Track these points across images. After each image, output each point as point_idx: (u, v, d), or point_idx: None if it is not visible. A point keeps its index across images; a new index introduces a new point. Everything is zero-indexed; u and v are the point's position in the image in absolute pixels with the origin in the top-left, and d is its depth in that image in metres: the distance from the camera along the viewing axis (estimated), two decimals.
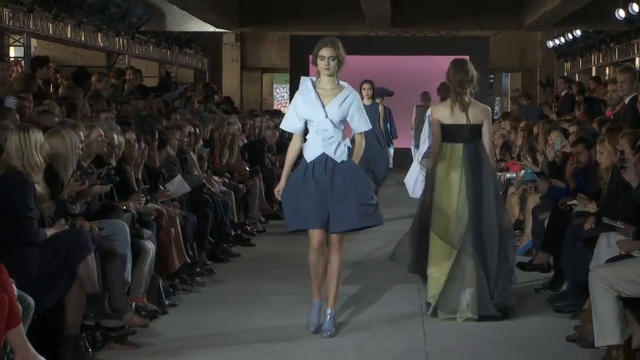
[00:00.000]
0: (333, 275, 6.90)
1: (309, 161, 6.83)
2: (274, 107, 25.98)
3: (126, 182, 7.79)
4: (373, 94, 13.23)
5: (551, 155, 9.76)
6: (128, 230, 7.00)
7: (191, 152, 10.32)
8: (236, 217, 11.06)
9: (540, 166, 10.39)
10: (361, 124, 6.95)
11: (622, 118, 9.33)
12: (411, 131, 17.45)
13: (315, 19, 19.87)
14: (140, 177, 8.25)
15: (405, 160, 17.39)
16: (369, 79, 13.29)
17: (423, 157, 8.82)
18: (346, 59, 6.83)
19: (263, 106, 26.00)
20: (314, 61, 6.85)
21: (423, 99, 17.84)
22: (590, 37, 21.01)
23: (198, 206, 9.39)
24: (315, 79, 6.90)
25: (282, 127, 7.24)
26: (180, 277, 8.34)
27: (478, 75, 7.56)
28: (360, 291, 8.34)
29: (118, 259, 6.61)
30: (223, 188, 10.78)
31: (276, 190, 7.12)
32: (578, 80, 20.33)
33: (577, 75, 23.08)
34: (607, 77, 18.93)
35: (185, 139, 10.03)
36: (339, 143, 6.82)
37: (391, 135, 14.53)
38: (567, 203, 8.30)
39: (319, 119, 6.80)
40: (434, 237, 7.46)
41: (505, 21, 20.40)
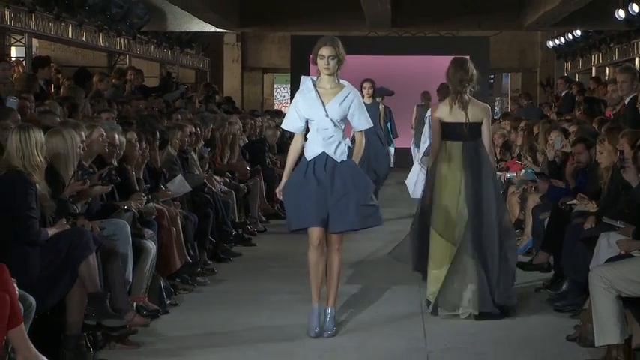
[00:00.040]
0: (333, 275, 6.90)
1: (309, 159, 6.83)
2: (275, 107, 26.02)
3: (127, 182, 7.80)
4: (374, 93, 13.24)
5: (551, 155, 9.77)
6: (129, 230, 7.01)
7: (192, 152, 10.33)
8: (237, 217, 11.08)
9: (540, 165, 10.40)
10: (362, 122, 6.94)
11: (622, 118, 9.34)
12: (412, 131, 17.47)
13: (315, 20, 19.89)
14: (141, 177, 8.27)
15: (405, 159, 17.45)
16: (370, 77, 13.31)
17: (424, 156, 8.84)
18: (346, 59, 6.82)
19: (264, 106, 26.03)
20: (314, 60, 6.84)
21: (424, 98, 17.85)
22: (590, 37, 21.03)
23: (199, 206, 9.40)
24: (315, 79, 6.89)
25: (283, 126, 7.24)
26: (181, 277, 8.35)
27: (478, 74, 7.58)
28: (360, 291, 8.35)
29: (119, 259, 6.61)
30: (224, 188, 10.80)
31: (277, 190, 7.11)
32: (578, 80, 20.34)
33: (577, 75, 23.10)
34: (607, 77, 18.95)
35: (186, 139, 10.04)
36: (340, 143, 6.82)
37: (391, 134, 14.54)
38: (567, 203, 8.30)
39: (320, 118, 6.80)
40: (434, 235, 7.48)
41: (505, 21, 20.43)
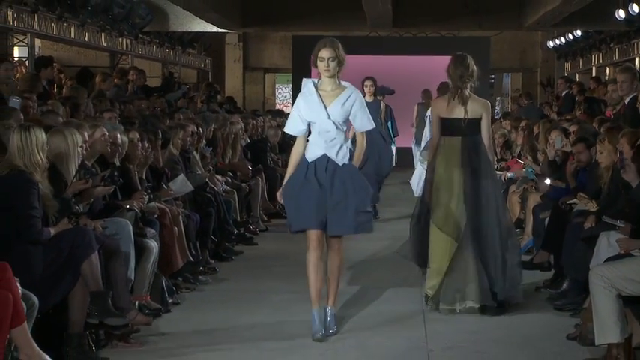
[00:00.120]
0: (334, 274, 6.91)
1: (311, 161, 6.81)
2: (276, 107, 26.06)
3: (129, 181, 7.82)
4: (375, 91, 13.26)
5: (551, 154, 9.78)
6: (131, 229, 7.03)
7: (194, 152, 10.36)
8: (239, 216, 11.10)
9: (541, 165, 10.41)
10: (364, 122, 6.91)
11: (622, 118, 9.37)
12: (412, 129, 17.49)
13: (316, 20, 19.91)
14: (144, 176, 8.30)
15: (406, 159, 17.45)
16: (371, 75, 13.32)
17: (423, 150, 8.88)
18: (347, 59, 6.79)
19: (265, 105, 26.05)
20: (314, 62, 6.81)
21: (424, 97, 17.85)
22: (591, 37, 21.05)
23: (201, 205, 9.43)
24: (316, 81, 6.87)
25: (285, 130, 7.18)
26: (183, 276, 8.37)
27: (478, 70, 7.62)
28: (361, 290, 8.37)
29: (121, 258, 6.62)
30: (226, 187, 10.82)
31: (278, 193, 7.10)
32: (578, 80, 20.34)
33: (577, 75, 23.11)
34: (607, 77, 18.97)
35: (188, 139, 10.05)
36: (341, 146, 6.80)
37: (392, 133, 14.56)
38: (567, 202, 8.33)
39: (321, 121, 6.77)
40: (434, 229, 7.53)
41: (506, 21, 20.44)
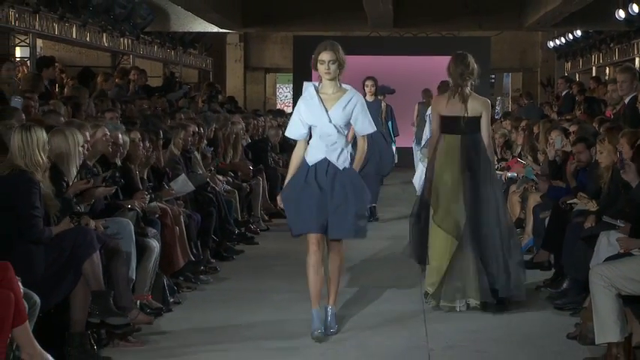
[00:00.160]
0: (334, 275, 6.92)
1: (311, 164, 6.80)
2: (277, 107, 26.11)
3: (130, 181, 7.84)
4: (376, 91, 13.26)
5: (551, 154, 9.79)
6: (133, 228, 7.04)
7: (195, 151, 10.38)
8: (240, 216, 11.12)
9: (541, 165, 10.43)
10: (365, 125, 6.88)
11: (622, 118, 9.38)
12: (413, 128, 17.51)
13: (317, 20, 19.94)
14: (145, 176, 8.32)
15: (407, 158, 17.48)
16: (372, 75, 13.32)
17: (423, 147, 8.90)
18: (348, 60, 6.78)
19: (266, 105, 26.08)
20: (314, 66, 6.79)
21: (425, 96, 17.87)
22: (591, 37, 21.07)
23: (202, 205, 9.44)
24: (317, 85, 6.86)
25: (286, 134, 7.16)
26: (184, 275, 8.39)
27: (479, 68, 7.65)
28: (362, 289, 8.39)
29: (122, 257, 6.63)
30: (227, 187, 10.84)
31: (278, 197, 7.09)
32: (578, 80, 20.35)
33: (577, 75, 23.13)
34: (607, 77, 18.99)
35: (189, 139, 10.07)
36: (342, 150, 6.79)
37: (393, 133, 14.59)
38: (568, 202, 8.34)
39: (323, 124, 6.76)
40: (434, 227, 7.56)
41: (506, 21, 20.47)
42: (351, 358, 6.45)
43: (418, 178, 11.21)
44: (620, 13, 16.72)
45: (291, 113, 7.29)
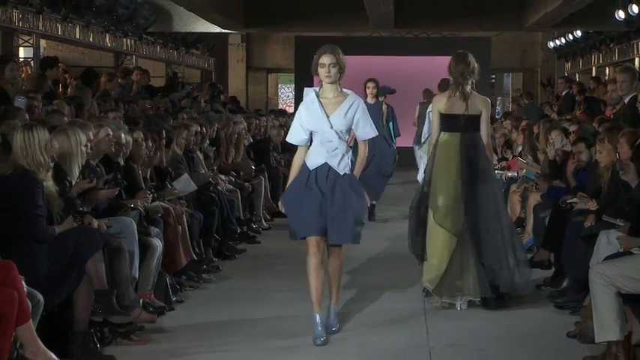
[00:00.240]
0: (335, 276, 6.93)
1: (312, 169, 6.80)
2: (279, 107, 26.13)
3: (133, 181, 7.87)
4: (377, 93, 13.26)
5: (551, 154, 9.81)
6: (136, 228, 7.07)
7: (197, 151, 10.41)
8: (242, 215, 11.14)
9: (542, 164, 10.46)
10: (367, 130, 6.87)
11: (622, 118, 9.40)
12: (414, 127, 17.54)
13: (319, 20, 19.96)
14: (148, 176, 8.35)
15: (407, 159, 17.50)
16: (374, 77, 13.33)
17: (423, 144, 8.92)
18: (349, 60, 6.79)
19: (268, 105, 26.10)
20: (315, 70, 6.78)
21: (426, 96, 17.88)
22: (591, 37, 21.07)
23: (204, 204, 9.47)
24: (318, 90, 6.85)
25: (287, 140, 7.13)
26: (186, 274, 8.42)
27: (479, 67, 7.69)
28: (362, 288, 8.41)
29: (125, 256, 6.64)
30: (229, 186, 10.87)
31: (280, 202, 7.10)
32: (578, 80, 20.35)
33: (577, 75, 23.12)
34: (607, 77, 18.99)
35: (192, 138, 10.10)
36: (343, 155, 6.79)
37: (394, 133, 14.60)
38: (568, 201, 8.36)
39: (324, 130, 6.75)
40: (434, 224, 7.59)
41: (506, 22, 20.47)
42: (352, 356, 6.47)
43: (422, 176, 11.20)
44: (620, 14, 16.73)
45: (293, 113, 7.30)
